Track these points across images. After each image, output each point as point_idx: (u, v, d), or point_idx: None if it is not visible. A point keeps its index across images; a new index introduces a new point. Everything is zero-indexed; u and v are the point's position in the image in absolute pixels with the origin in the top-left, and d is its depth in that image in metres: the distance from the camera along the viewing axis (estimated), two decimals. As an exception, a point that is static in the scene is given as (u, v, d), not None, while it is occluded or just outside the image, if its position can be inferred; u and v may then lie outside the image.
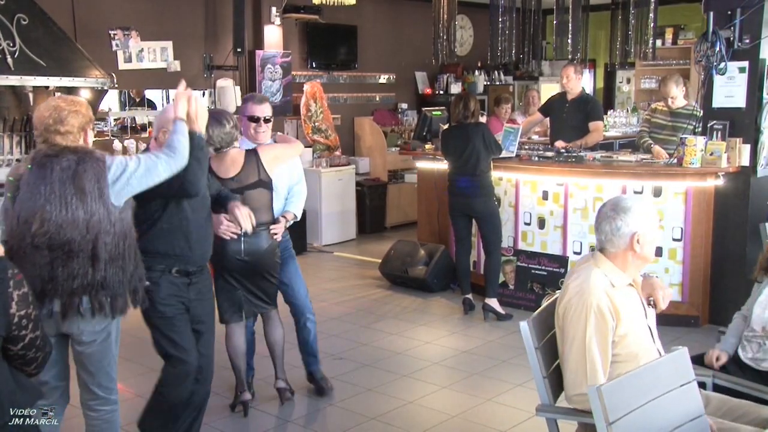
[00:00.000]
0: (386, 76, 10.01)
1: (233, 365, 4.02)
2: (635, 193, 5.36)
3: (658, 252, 5.27)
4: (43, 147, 2.84)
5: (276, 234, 3.89)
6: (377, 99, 9.94)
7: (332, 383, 4.34)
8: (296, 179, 4.18)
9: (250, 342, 4.21)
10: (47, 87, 6.17)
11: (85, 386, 2.96)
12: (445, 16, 7.83)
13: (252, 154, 3.87)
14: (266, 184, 3.85)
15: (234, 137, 3.80)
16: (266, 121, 4.04)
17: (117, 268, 2.81)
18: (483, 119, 6.00)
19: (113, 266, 2.80)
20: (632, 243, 2.56)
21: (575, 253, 5.67)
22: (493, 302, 5.61)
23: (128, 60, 7.28)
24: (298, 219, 4.19)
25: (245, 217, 3.51)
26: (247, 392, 4.06)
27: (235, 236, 3.69)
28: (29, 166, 2.78)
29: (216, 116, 3.70)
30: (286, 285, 4.19)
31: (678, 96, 6.17)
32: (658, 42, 8.64)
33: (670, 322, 4.98)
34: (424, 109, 7.73)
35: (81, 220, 2.73)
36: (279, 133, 4.29)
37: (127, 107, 7.54)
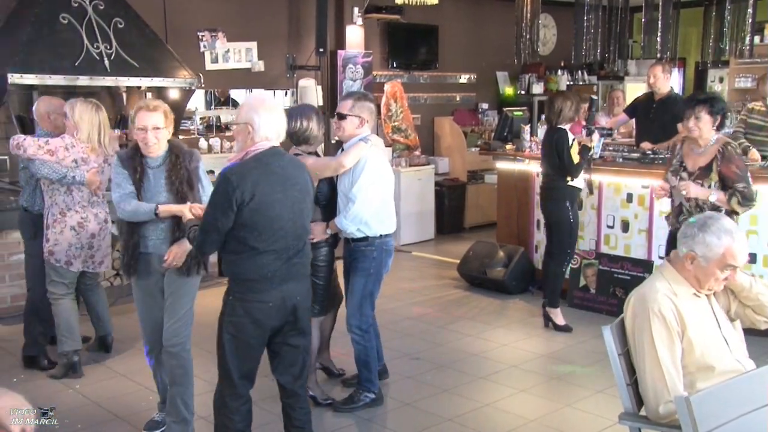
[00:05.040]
0: (467, 76, 9.93)
1: None
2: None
3: (752, 258, 5.02)
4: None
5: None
6: (457, 99, 9.88)
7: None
8: (351, 189, 3.87)
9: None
10: (139, 87, 6.43)
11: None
12: (529, 14, 7.72)
13: None
14: None
15: (299, 137, 3.92)
16: (340, 117, 3.93)
17: None
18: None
19: None
20: (687, 256, 2.54)
21: (661, 257, 5.46)
22: (553, 312, 5.37)
23: (215, 60, 7.51)
24: (344, 232, 3.92)
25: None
26: None
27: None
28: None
29: (296, 111, 3.97)
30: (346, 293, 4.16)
31: (777, 95, 5.87)
32: (756, 38, 8.22)
33: (765, 332, 4.70)
34: (505, 109, 7.63)
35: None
36: (362, 140, 3.91)
37: (212, 106, 7.77)
